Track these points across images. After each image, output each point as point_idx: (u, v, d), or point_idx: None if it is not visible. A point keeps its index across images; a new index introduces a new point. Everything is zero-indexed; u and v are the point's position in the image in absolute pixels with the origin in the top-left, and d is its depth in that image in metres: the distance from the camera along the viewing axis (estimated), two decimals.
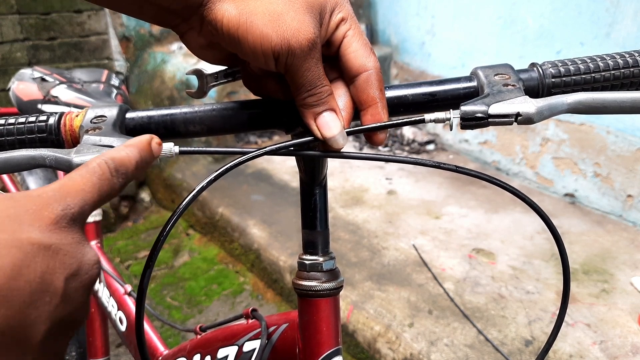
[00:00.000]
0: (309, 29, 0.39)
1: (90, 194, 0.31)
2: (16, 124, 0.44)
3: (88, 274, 0.29)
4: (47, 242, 0.27)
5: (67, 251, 0.28)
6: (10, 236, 0.25)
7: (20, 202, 0.28)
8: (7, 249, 0.25)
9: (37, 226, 0.27)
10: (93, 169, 0.32)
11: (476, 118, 0.40)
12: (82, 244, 0.29)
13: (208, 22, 0.40)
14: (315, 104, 0.42)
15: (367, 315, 1.63)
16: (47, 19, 2.52)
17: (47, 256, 0.26)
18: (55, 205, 0.29)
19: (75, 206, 0.30)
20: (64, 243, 0.28)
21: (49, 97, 1.09)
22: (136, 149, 0.36)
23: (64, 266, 0.27)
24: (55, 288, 0.26)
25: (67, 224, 0.29)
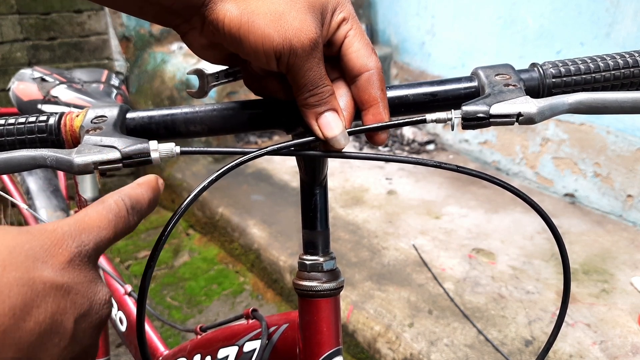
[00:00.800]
0: (310, 29, 0.39)
1: (106, 231, 0.31)
2: (16, 124, 0.44)
3: (98, 314, 0.28)
4: (59, 281, 0.26)
5: (78, 290, 0.27)
6: (23, 274, 0.25)
7: (35, 237, 0.27)
8: (19, 287, 0.24)
9: (51, 264, 0.26)
10: (109, 205, 0.32)
11: (478, 118, 0.40)
12: (94, 282, 0.29)
13: (209, 22, 0.40)
14: (317, 104, 0.42)
15: (367, 315, 1.63)
16: (47, 19, 2.52)
17: (59, 296, 0.26)
18: (70, 242, 0.28)
19: (89, 243, 0.29)
20: (77, 282, 0.27)
21: (49, 97, 1.09)
22: (148, 187, 0.36)
23: (75, 306, 0.27)
24: (65, 329, 0.26)
25: (81, 261, 0.28)
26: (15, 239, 0.26)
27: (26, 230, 0.27)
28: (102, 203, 0.32)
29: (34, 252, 0.26)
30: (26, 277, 0.25)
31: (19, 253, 0.25)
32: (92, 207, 0.32)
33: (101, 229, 0.30)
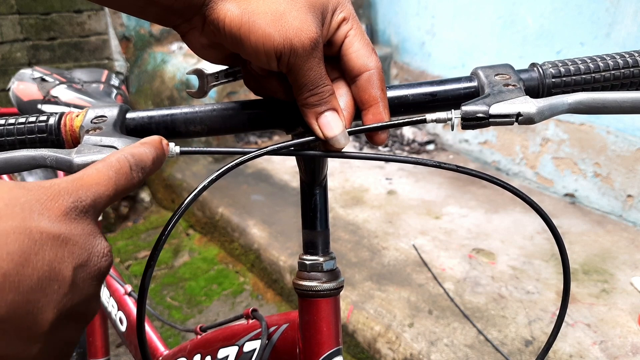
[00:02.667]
0: (311, 29, 0.39)
1: (105, 188, 0.31)
2: (16, 124, 0.44)
3: (97, 265, 0.29)
4: (56, 231, 0.27)
5: (76, 242, 0.28)
6: (20, 224, 0.26)
7: (32, 191, 0.28)
8: (16, 235, 0.25)
9: (47, 216, 0.27)
10: (110, 163, 0.33)
11: (477, 118, 0.40)
12: (92, 235, 0.29)
13: (210, 22, 0.40)
14: (317, 104, 0.42)
15: (367, 315, 1.63)
16: (47, 19, 2.52)
17: (56, 245, 0.27)
18: (67, 196, 0.29)
19: (87, 199, 0.30)
20: (74, 234, 0.28)
21: (49, 97, 1.09)
22: (152, 146, 0.36)
23: (73, 256, 0.27)
24: (63, 277, 0.27)
25: (77, 215, 0.29)
26: (12, 191, 0.27)
27: (22, 184, 0.28)
28: (104, 161, 0.33)
29: (30, 205, 0.27)
30: (23, 226, 0.26)
31: (15, 205, 0.26)
32: (93, 165, 0.32)
33: (100, 185, 0.31)
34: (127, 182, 0.33)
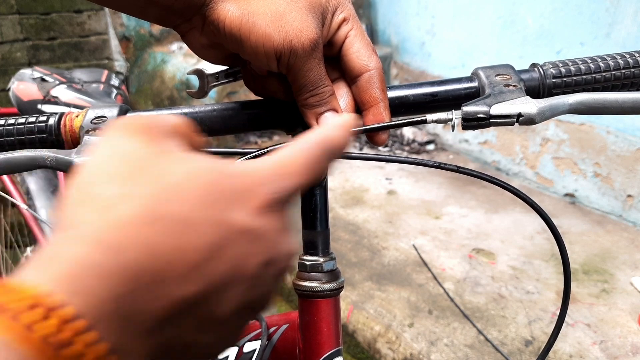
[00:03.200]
0: (311, 29, 0.39)
1: (301, 177, 0.29)
2: (16, 124, 0.44)
3: (282, 263, 0.28)
4: (249, 226, 0.26)
5: (266, 237, 0.26)
6: (216, 215, 0.24)
7: (232, 178, 0.26)
8: (211, 227, 0.24)
9: (244, 208, 0.26)
10: (306, 150, 0.30)
11: (478, 119, 0.40)
12: (282, 231, 0.28)
13: (210, 22, 0.40)
14: (317, 104, 0.42)
15: (367, 315, 1.63)
16: (47, 19, 2.52)
17: (247, 240, 0.25)
18: (266, 187, 0.27)
19: (285, 189, 0.28)
20: (266, 229, 0.26)
21: (48, 98, 1.09)
22: (343, 129, 0.32)
23: (261, 253, 0.26)
24: (248, 273, 0.26)
25: (273, 208, 0.27)
26: (212, 175, 0.26)
27: (223, 168, 0.26)
28: (300, 146, 0.30)
29: (229, 194, 0.25)
30: (218, 218, 0.24)
31: (214, 192, 0.25)
32: (288, 150, 0.29)
33: (298, 174, 0.28)
34: (321, 170, 0.30)
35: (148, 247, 0.22)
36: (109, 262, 0.21)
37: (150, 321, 0.22)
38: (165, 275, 0.22)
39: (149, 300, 0.22)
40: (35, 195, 1.39)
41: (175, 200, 0.24)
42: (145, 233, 0.22)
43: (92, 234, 0.22)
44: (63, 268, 0.21)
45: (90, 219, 0.23)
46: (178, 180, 0.25)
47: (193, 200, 0.24)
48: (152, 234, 0.23)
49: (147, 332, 0.22)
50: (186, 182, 0.25)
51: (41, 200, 1.38)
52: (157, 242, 0.22)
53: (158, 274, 0.22)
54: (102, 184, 0.24)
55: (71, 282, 0.20)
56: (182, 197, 0.24)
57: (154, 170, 0.25)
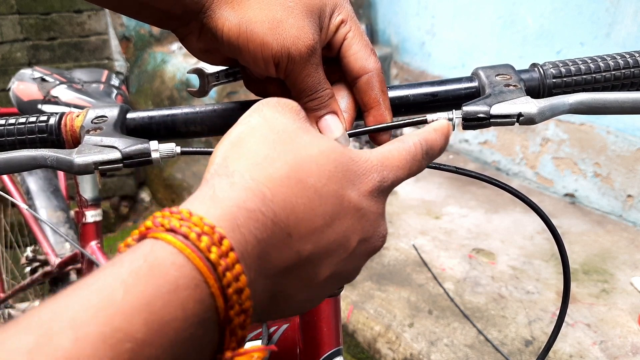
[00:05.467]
0: (307, 36, 0.39)
1: (402, 171, 0.33)
2: (16, 124, 0.44)
3: (376, 243, 0.32)
4: (359, 204, 0.30)
5: (369, 218, 0.30)
6: (338, 189, 0.29)
7: (353, 161, 0.30)
8: (333, 199, 0.28)
9: (358, 188, 0.30)
10: (410, 147, 0.34)
11: (478, 118, 0.40)
12: (381, 216, 0.32)
13: (208, 30, 0.40)
14: (317, 108, 0.42)
15: (367, 315, 1.63)
16: (47, 19, 2.52)
17: (355, 217, 0.29)
18: (376, 175, 0.31)
19: (388, 180, 0.32)
20: (371, 211, 0.30)
21: (49, 98, 1.09)
22: (443, 134, 0.37)
23: (363, 230, 0.30)
24: (349, 245, 0.29)
25: (379, 194, 0.31)
26: (340, 156, 0.30)
27: (346, 150, 0.31)
28: (404, 143, 0.34)
29: (350, 174, 0.30)
30: (340, 193, 0.29)
31: (340, 170, 0.29)
32: (395, 145, 0.34)
33: (399, 168, 0.33)
34: (417, 168, 0.34)
35: (288, 204, 0.26)
36: (260, 209, 0.25)
37: (275, 268, 0.26)
38: (295, 232, 0.26)
39: (279, 248, 0.26)
40: (35, 195, 1.39)
41: (313, 170, 0.28)
42: (288, 191, 0.26)
43: (248, 183, 0.26)
44: (224, 207, 0.24)
45: (246, 171, 0.27)
46: (316, 154, 0.29)
47: (325, 173, 0.28)
48: (293, 194, 0.26)
49: (270, 277, 0.26)
50: (321, 157, 0.29)
51: (41, 200, 1.38)
52: (296, 201, 0.26)
53: (291, 229, 0.26)
54: (256, 144, 0.28)
55: (230, 221, 0.24)
56: (318, 169, 0.28)
57: (298, 142, 0.29)
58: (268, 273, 0.25)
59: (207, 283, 0.21)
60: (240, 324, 0.23)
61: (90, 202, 1.16)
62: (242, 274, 0.23)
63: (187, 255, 0.22)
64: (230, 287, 0.22)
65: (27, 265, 1.41)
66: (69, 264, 1.26)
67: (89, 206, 1.16)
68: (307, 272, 0.28)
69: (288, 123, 0.30)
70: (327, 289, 0.31)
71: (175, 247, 0.22)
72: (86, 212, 1.16)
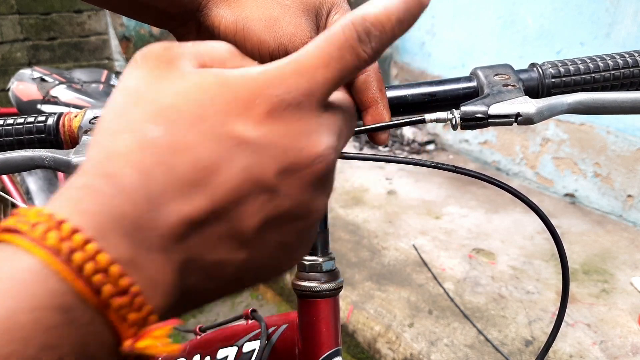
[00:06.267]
0: (304, 33, 0.39)
1: (324, 70, 0.25)
2: (15, 124, 0.44)
3: (310, 168, 0.25)
4: (253, 135, 0.24)
5: (277, 144, 0.25)
6: (211, 129, 0.24)
7: (232, 87, 0.25)
8: (206, 142, 0.24)
9: (245, 117, 0.24)
10: (333, 36, 0.25)
11: (476, 118, 0.40)
12: (301, 134, 0.25)
13: (205, 28, 0.40)
14: None
15: (367, 316, 1.63)
16: (47, 19, 2.52)
17: (252, 150, 0.24)
18: (273, 89, 0.25)
19: (300, 88, 0.25)
20: (276, 135, 0.24)
21: (48, 98, 1.09)
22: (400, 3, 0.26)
23: (274, 160, 0.25)
24: (263, 183, 0.24)
25: (284, 111, 0.25)
26: (211, 89, 0.25)
27: (226, 77, 0.25)
28: (326, 33, 0.26)
29: (228, 106, 0.24)
30: (214, 132, 0.24)
31: (211, 106, 0.24)
32: (314, 40, 0.26)
33: (318, 68, 0.25)
34: (355, 58, 0.26)
35: (141, 172, 0.23)
36: (106, 187, 0.22)
37: (162, 237, 0.23)
38: (164, 197, 0.23)
39: (154, 219, 0.23)
40: (34, 195, 1.39)
41: (166, 122, 0.24)
42: (137, 160, 0.23)
43: (93, 166, 0.24)
44: (66, 195, 0.23)
45: (94, 153, 0.24)
46: (171, 100, 0.24)
47: (186, 119, 0.24)
48: (144, 160, 0.23)
49: (164, 248, 0.23)
50: (180, 100, 0.24)
51: (41, 200, 1.38)
52: (149, 167, 0.23)
53: (156, 195, 0.23)
54: (105, 118, 0.25)
55: (72, 205, 0.22)
56: (173, 117, 0.24)
57: (148, 96, 0.25)
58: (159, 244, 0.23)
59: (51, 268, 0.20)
60: (126, 305, 0.21)
61: None
62: (99, 253, 0.21)
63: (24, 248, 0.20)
64: (84, 269, 0.21)
65: None
66: None
67: None
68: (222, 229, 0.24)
69: (141, 78, 0.25)
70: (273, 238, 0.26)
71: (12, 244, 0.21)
72: None
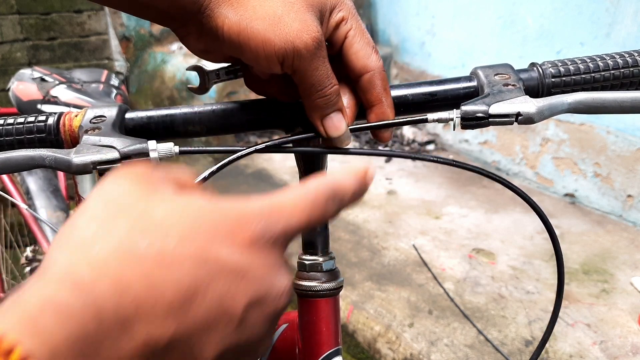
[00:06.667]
0: (312, 28, 0.38)
1: (297, 218, 0.28)
2: (15, 124, 0.44)
3: (274, 304, 0.26)
4: (235, 262, 0.24)
5: (254, 275, 0.25)
6: (197, 251, 0.24)
7: (219, 213, 0.26)
8: (191, 264, 0.23)
9: (230, 244, 0.25)
10: (305, 192, 0.29)
11: (477, 118, 0.40)
12: (274, 269, 0.26)
13: (208, 29, 0.40)
14: (324, 106, 0.42)
15: (367, 315, 1.63)
16: (47, 19, 2.52)
17: (231, 278, 0.24)
18: (256, 223, 0.26)
19: (276, 228, 0.27)
20: (254, 266, 0.25)
21: (48, 98, 1.09)
22: (355, 178, 0.32)
23: (248, 292, 0.25)
24: (232, 314, 0.24)
25: (264, 244, 0.26)
26: (199, 212, 0.25)
27: (213, 203, 0.26)
28: (303, 188, 0.29)
29: (214, 230, 0.25)
30: (200, 255, 0.23)
31: (198, 228, 0.24)
32: (288, 191, 0.29)
33: (292, 214, 0.27)
34: (321, 214, 0.29)
35: (118, 284, 0.21)
36: (73, 300, 0.20)
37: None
38: (136, 315, 0.21)
39: (118, 340, 0.21)
40: (35, 195, 1.39)
41: (154, 236, 0.23)
42: (116, 270, 0.21)
43: (61, 273, 0.21)
44: (23, 309, 0.20)
45: (63, 259, 0.22)
46: (160, 216, 0.24)
47: (174, 236, 0.23)
48: (124, 272, 0.21)
49: None
50: (169, 218, 0.24)
51: (41, 200, 1.38)
52: (129, 280, 0.21)
53: (128, 313, 0.21)
54: (81, 226, 0.24)
55: (30, 323, 0.20)
56: (162, 233, 0.23)
57: (136, 209, 0.24)
58: None
59: None
60: None
61: None
62: None
63: None
64: None
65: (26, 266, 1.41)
66: None
67: None
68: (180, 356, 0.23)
69: (127, 192, 0.25)
70: None
71: None
72: None
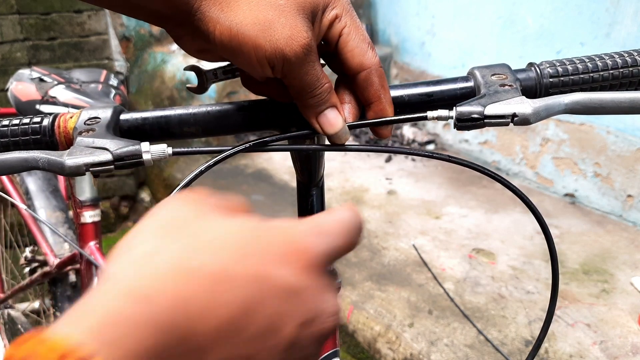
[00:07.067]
0: (301, 34, 0.38)
1: (342, 240, 0.28)
2: (10, 125, 0.43)
3: (323, 325, 0.26)
4: (288, 284, 0.25)
5: (306, 297, 0.25)
6: (253, 270, 0.24)
7: (272, 233, 0.26)
8: (247, 282, 0.23)
9: (285, 264, 0.25)
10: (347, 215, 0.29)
11: (472, 119, 0.40)
12: (324, 291, 0.26)
13: (201, 34, 0.40)
14: (317, 104, 0.42)
15: (367, 316, 1.63)
16: (47, 19, 2.52)
17: (284, 299, 0.24)
18: (309, 245, 0.26)
19: (327, 249, 0.27)
20: (307, 287, 0.25)
21: (47, 98, 1.08)
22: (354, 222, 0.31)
23: (299, 313, 0.25)
24: (283, 334, 0.24)
25: (316, 267, 0.26)
26: (253, 232, 0.26)
27: (265, 225, 0.26)
28: (339, 211, 0.29)
29: (268, 250, 0.25)
30: (256, 274, 0.24)
31: (253, 247, 0.25)
32: (329, 213, 0.29)
33: (337, 236, 0.28)
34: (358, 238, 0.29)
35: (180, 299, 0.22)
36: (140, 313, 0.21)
37: None
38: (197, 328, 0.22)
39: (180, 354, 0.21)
40: (34, 195, 1.39)
41: (211, 254, 0.24)
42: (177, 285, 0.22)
43: (126, 286, 0.22)
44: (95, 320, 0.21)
45: (126, 271, 0.23)
46: (216, 236, 0.25)
47: (230, 255, 0.24)
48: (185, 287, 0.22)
49: None
50: (225, 237, 0.25)
51: (40, 201, 1.38)
52: (189, 295, 0.22)
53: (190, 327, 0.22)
54: (141, 241, 0.25)
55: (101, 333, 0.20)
56: (218, 251, 0.24)
57: (193, 229, 0.25)
58: None
59: None
60: None
61: (87, 203, 1.16)
62: None
63: None
64: None
65: (26, 266, 1.41)
66: (68, 264, 1.26)
67: (87, 206, 1.16)
68: None
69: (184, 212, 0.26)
70: None
71: None
72: (84, 213, 1.16)
